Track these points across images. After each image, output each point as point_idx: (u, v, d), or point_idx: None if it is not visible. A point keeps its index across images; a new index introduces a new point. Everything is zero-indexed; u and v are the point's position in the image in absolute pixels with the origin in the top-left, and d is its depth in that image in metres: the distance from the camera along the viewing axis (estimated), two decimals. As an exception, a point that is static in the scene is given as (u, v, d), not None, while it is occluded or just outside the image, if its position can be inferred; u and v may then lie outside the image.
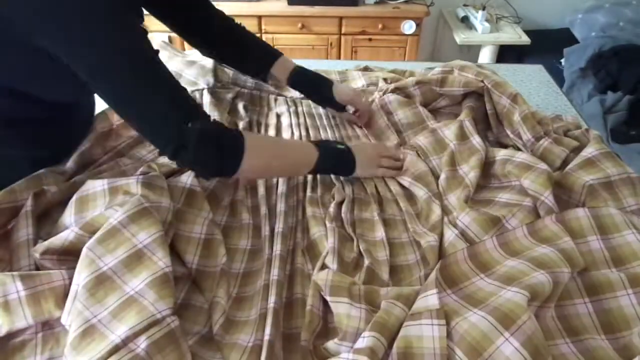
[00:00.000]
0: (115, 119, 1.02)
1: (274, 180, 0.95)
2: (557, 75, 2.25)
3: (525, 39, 2.50)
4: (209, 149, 0.73)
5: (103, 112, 1.01)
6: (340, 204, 0.89)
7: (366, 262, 0.77)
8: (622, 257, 0.73)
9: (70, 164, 0.90)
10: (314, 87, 1.06)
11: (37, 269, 0.73)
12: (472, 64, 1.17)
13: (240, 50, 1.07)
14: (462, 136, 0.99)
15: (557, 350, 0.63)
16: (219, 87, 1.22)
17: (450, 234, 0.79)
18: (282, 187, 0.92)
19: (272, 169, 0.85)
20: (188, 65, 1.23)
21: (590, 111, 2.17)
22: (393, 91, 1.13)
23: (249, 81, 1.26)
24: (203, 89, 1.17)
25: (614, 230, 0.76)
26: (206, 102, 1.12)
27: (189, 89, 1.13)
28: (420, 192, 0.91)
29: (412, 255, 0.81)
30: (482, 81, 1.06)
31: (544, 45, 2.59)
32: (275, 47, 1.10)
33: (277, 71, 1.05)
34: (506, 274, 0.70)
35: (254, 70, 1.11)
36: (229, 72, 1.27)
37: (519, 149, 1.00)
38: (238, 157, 0.74)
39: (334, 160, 0.90)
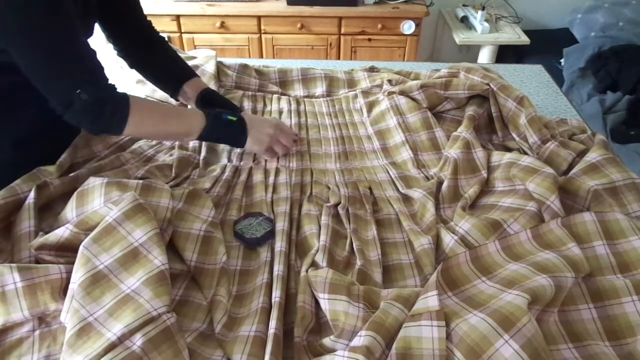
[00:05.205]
0: None
1: (272, 179, 0.96)
2: (557, 75, 2.26)
3: (524, 39, 2.50)
4: (92, 116, 0.82)
5: None
6: (335, 206, 0.89)
7: (358, 263, 0.77)
8: (628, 263, 0.73)
9: (64, 157, 0.91)
10: (222, 108, 1.06)
11: (37, 261, 0.73)
12: (479, 66, 1.17)
13: (160, 64, 1.10)
14: (466, 146, 0.99)
15: (559, 356, 0.63)
16: (222, 93, 1.22)
17: (449, 240, 0.79)
18: (281, 188, 0.94)
19: (157, 134, 0.95)
20: None
21: (590, 111, 2.17)
22: (400, 94, 1.13)
23: (252, 82, 1.26)
24: None
25: (621, 236, 0.76)
26: None
27: None
28: (415, 193, 0.91)
29: (405, 256, 0.81)
30: (488, 84, 1.06)
31: (544, 45, 2.59)
32: (275, 47, 1.10)
33: (190, 88, 1.08)
34: (508, 277, 0.69)
35: (166, 84, 1.12)
36: (232, 74, 1.26)
37: (524, 153, 0.99)
38: (121, 123, 0.84)
39: (221, 130, 0.96)
